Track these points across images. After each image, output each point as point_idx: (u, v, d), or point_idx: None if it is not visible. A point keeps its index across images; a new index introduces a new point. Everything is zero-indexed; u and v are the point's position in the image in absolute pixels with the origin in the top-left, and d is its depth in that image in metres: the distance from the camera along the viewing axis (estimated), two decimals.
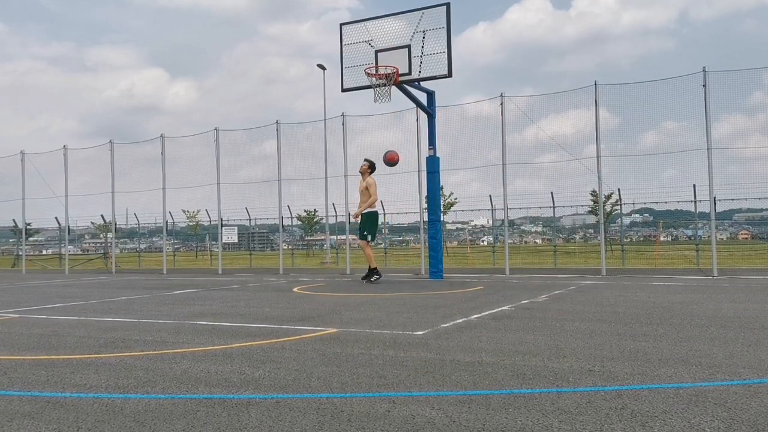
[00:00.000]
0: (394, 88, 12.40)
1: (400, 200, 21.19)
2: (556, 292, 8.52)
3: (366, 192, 11.39)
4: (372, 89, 12.45)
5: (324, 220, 23.54)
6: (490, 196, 18.68)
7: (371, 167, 11.61)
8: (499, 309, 6.53)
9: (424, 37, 12.30)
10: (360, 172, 11.67)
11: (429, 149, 13.13)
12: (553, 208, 18.29)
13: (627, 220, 27.79)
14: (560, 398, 2.82)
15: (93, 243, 44.32)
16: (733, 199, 15.01)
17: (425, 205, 14.62)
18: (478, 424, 2.46)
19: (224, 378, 3.39)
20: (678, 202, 16.65)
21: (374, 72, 12.41)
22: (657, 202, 17.25)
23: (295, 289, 10.03)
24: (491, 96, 14.60)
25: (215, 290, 10.23)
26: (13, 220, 24.23)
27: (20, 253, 24.64)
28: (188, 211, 27.28)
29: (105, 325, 5.82)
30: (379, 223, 12.43)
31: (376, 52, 12.65)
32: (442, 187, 13.78)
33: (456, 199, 24.92)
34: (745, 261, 19.18)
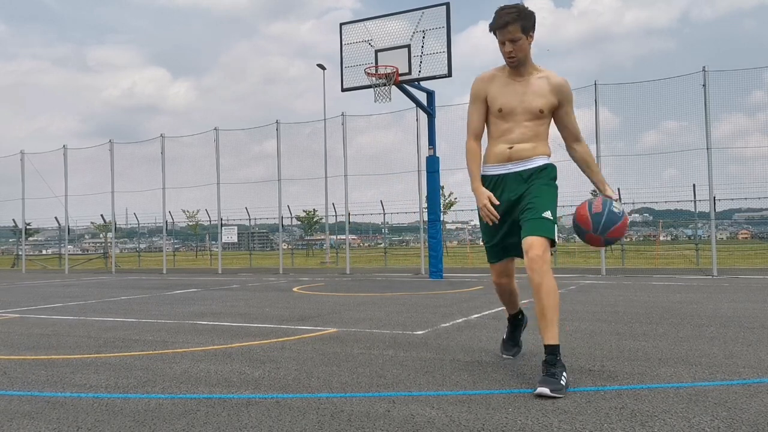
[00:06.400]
0: (394, 87, 12.41)
1: (400, 200, 21.19)
2: None
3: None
4: (372, 89, 12.46)
5: (324, 220, 23.57)
6: None
7: None
8: (499, 309, 6.53)
9: (424, 37, 12.30)
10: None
11: (429, 149, 13.14)
12: None
13: None
14: (560, 398, 2.82)
15: (93, 243, 44.34)
16: (733, 199, 15.04)
17: (425, 205, 14.62)
18: (478, 424, 2.46)
19: (224, 378, 3.39)
20: (678, 201, 16.66)
21: (374, 72, 12.42)
22: (657, 202, 17.25)
23: (295, 289, 10.03)
24: None
25: (215, 290, 10.22)
26: (13, 220, 24.25)
27: (20, 253, 24.63)
28: (188, 211, 27.27)
29: (105, 325, 5.82)
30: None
31: (376, 51, 12.66)
32: (442, 187, 13.79)
33: (456, 198, 24.95)
34: (745, 261, 19.17)
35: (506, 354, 3.83)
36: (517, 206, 3.31)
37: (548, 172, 3.36)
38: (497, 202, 3.29)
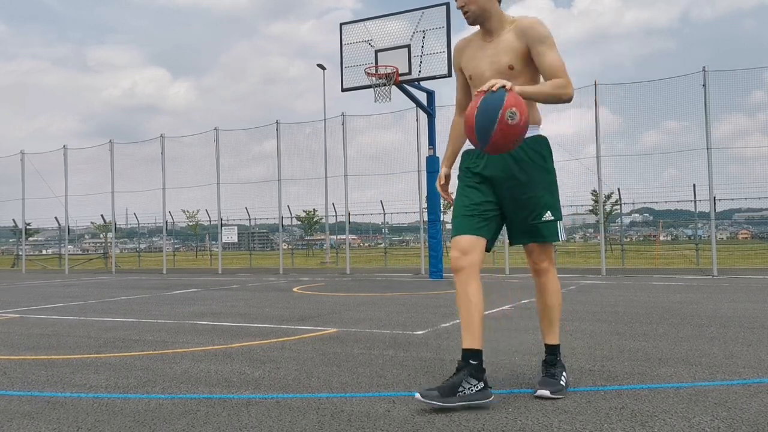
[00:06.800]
0: (394, 87, 12.41)
1: (400, 200, 21.19)
2: None
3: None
4: (372, 89, 12.47)
5: (324, 220, 23.56)
6: None
7: None
8: (499, 309, 6.52)
9: (424, 37, 12.31)
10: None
11: (429, 149, 13.14)
12: None
13: (627, 220, 27.82)
14: (560, 398, 2.82)
15: (93, 243, 44.32)
16: (733, 199, 15.06)
17: (425, 205, 14.63)
18: (478, 424, 2.46)
19: (224, 378, 3.39)
20: (678, 201, 16.68)
21: (374, 72, 12.42)
22: (657, 202, 17.27)
23: (295, 289, 10.03)
24: None
25: (215, 290, 10.23)
26: (13, 220, 24.24)
27: (20, 253, 24.63)
28: (188, 211, 27.27)
29: (105, 325, 5.82)
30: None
31: (376, 51, 12.66)
32: None
33: None
34: (745, 261, 19.18)
35: (421, 392, 2.65)
36: (509, 186, 2.88)
37: (542, 149, 2.91)
38: (443, 181, 3.21)
